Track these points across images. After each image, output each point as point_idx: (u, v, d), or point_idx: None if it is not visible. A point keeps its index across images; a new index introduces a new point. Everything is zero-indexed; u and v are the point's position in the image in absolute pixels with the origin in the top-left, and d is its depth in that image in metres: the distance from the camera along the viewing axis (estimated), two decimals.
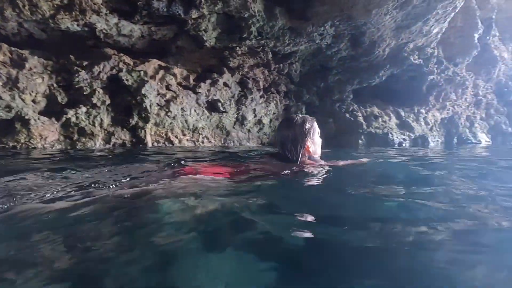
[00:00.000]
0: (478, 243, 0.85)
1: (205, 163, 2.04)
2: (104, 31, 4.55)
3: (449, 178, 1.96)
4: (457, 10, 5.59)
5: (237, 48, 5.53)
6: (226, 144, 6.02)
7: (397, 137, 6.98)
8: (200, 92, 5.44)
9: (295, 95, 6.82)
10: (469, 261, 0.73)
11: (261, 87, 6.28)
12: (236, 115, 6.06)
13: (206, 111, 5.70)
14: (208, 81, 5.56)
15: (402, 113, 7.32)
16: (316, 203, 1.27)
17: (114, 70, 4.54)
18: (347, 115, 6.82)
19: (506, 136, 9.25)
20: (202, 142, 5.65)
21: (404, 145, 7.14)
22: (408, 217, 1.08)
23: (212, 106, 5.76)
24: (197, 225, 0.91)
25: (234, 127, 6.17)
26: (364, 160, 2.49)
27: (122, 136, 4.67)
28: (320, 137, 2.05)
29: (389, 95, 7.29)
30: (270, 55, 5.86)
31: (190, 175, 1.48)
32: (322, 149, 2.09)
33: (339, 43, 5.78)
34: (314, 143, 1.93)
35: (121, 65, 4.61)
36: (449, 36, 6.89)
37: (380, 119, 6.97)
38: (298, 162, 1.83)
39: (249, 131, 6.38)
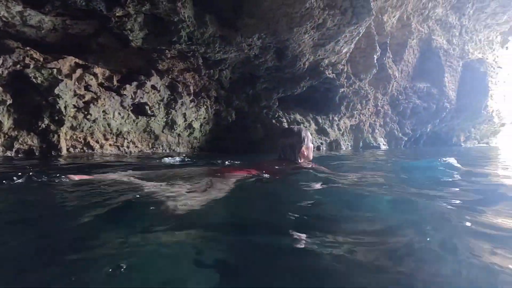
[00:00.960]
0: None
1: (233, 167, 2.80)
2: (4, 19, 3.93)
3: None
4: (360, 35, 6.67)
5: (167, 51, 5.42)
6: (154, 149, 5.81)
7: (316, 141, 7.85)
8: (125, 95, 5.14)
9: (226, 100, 7.02)
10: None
11: (192, 91, 6.27)
12: (165, 119, 5.92)
13: (132, 115, 5.41)
14: (135, 83, 5.29)
15: (320, 120, 8.27)
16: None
17: (19, 66, 3.95)
18: (273, 120, 7.35)
19: (397, 140, 11.32)
20: (128, 147, 5.34)
21: (321, 148, 8.07)
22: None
23: (139, 110, 5.50)
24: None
25: (163, 132, 6.00)
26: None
27: (29, 141, 4.10)
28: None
29: (310, 103, 8.15)
30: (200, 61, 5.91)
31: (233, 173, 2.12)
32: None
33: (266, 55, 6.22)
34: (308, 148, 2.42)
35: (27, 60, 4.04)
36: (355, 56, 8.12)
37: (302, 125, 7.72)
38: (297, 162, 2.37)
39: (179, 135, 6.29)
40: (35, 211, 1.31)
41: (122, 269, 0.72)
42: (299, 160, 2.36)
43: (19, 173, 1.81)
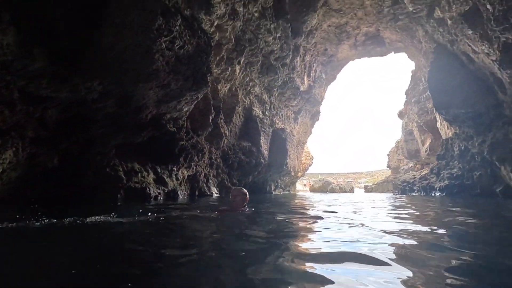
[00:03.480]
0: None
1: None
2: None
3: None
4: (199, 99, 7.81)
5: None
6: None
7: (153, 191, 7.84)
8: None
9: (49, 143, 5.96)
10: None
11: None
12: None
13: None
14: None
15: (159, 170, 8.44)
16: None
17: None
18: (108, 169, 6.85)
19: (227, 189, 13.03)
20: None
21: (159, 198, 8.12)
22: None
23: None
24: None
25: None
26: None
27: None
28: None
29: (150, 153, 8.23)
30: (16, 94, 4.93)
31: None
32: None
33: (107, 101, 6.02)
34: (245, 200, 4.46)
35: None
36: (195, 114, 9.23)
37: (139, 175, 7.59)
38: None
39: None
40: None
41: None
42: (244, 206, 4.42)
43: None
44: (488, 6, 6.96)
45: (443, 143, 15.72)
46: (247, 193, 4.42)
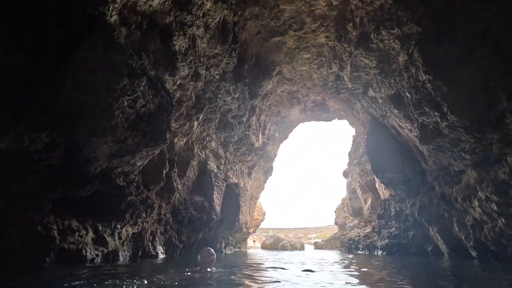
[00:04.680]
0: None
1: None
2: None
3: None
4: (155, 154, 7.71)
5: None
6: None
7: (91, 253, 7.01)
8: None
9: None
10: None
11: None
12: None
13: None
14: None
15: (100, 228, 7.67)
16: None
17: None
18: (39, 227, 6.06)
19: (175, 247, 12.13)
20: None
21: (96, 261, 7.23)
22: None
23: None
24: None
25: None
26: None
27: None
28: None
29: (93, 209, 7.53)
30: None
31: None
32: None
33: (52, 152, 5.62)
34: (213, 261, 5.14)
35: None
36: (148, 168, 8.94)
37: (76, 234, 6.81)
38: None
39: None
40: None
41: None
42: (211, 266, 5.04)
43: None
44: (407, 94, 8.61)
45: (382, 203, 17.22)
46: (215, 254, 5.17)
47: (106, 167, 6.75)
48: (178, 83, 9.14)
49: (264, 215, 25.78)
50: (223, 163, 17.17)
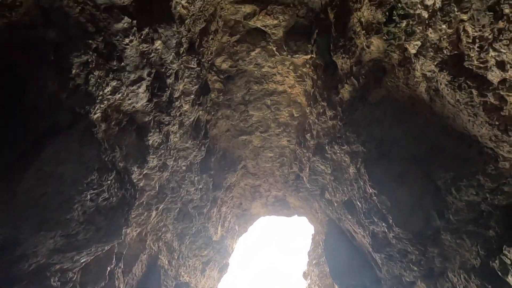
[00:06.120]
0: None
1: None
2: None
3: None
4: (104, 251, 7.07)
5: None
6: None
7: None
8: None
9: None
10: None
11: None
12: None
13: None
14: None
15: None
16: None
17: None
18: None
19: None
20: None
21: None
22: None
23: None
24: None
25: None
26: None
27: None
28: None
29: None
30: None
31: None
32: None
33: None
34: None
35: None
36: (90, 264, 7.96)
37: None
38: None
39: None
40: None
41: None
42: None
43: None
44: (358, 203, 9.50)
45: None
46: None
47: (43, 263, 5.96)
48: (144, 173, 9.21)
49: None
50: (176, 257, 15.76)
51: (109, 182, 5.65)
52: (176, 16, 6.73)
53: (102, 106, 5.79)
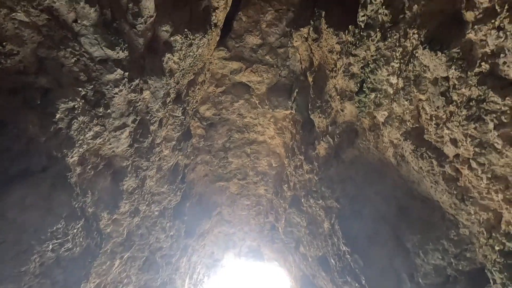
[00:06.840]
0: None
1: None
2: None
3: None
4: None
5: None
6: None
7: None
8: None
9: None
10: None
11: None
12: None
13: None
14: None
15: None
16: None
17: None
18: None
19: None
20: None
21: None
22: None
23: None
24: None
25: None
26: None
27: None
28: None
29: None
30: None
31: None
32: None
33: None
34: None
35: None
36: None
37: None
38: None
39: None
40: None
41: None
42: None
43: None
44: (332, 260, 9.43)
45: None
46: None
47: None
48: (114, 218, 8.75)
49: None
50: None
51: (75, 230, 5.34)
52: (167, 70, 7.14)
53: (80, 150, 5.74)
